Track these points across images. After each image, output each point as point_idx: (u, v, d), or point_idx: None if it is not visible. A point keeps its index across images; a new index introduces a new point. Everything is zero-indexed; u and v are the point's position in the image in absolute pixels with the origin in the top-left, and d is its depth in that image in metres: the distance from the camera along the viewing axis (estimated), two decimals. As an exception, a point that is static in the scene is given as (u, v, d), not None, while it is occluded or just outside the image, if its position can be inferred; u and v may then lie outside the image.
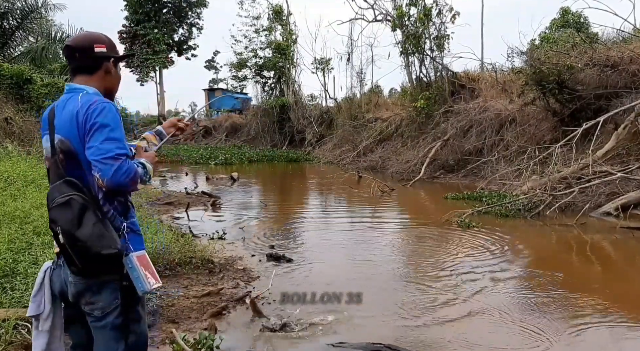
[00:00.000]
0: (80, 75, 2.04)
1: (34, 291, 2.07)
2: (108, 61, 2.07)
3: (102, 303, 1.94)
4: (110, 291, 1.94)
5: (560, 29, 25.14)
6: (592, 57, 11.84)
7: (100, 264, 1.86)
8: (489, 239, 6.81)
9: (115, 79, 2.14)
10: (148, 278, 1.93)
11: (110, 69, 2.09)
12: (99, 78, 2.06)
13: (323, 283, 4.95)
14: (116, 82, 2.15)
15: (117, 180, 1.82)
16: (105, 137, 1.85)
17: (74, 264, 1.87)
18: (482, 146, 13.94)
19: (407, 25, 18.10)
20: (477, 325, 3.94)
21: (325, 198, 12.11)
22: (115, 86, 2.16)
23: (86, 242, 1.81)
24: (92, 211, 1.86)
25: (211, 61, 45.12)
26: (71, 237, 1.82)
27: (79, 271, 1.90)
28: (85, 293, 1.95)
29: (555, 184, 9.06)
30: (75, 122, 1.90)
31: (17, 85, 15.27)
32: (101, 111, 1.89)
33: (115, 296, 1.94)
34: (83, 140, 1.89)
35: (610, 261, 6.26)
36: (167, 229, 6.36)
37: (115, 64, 2.12)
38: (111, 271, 1.92)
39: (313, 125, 24.68)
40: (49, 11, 18.26)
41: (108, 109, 1.91)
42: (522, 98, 14.08)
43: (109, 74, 2.09)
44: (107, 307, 1.94)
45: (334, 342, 3.55)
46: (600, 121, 9.63)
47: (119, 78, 2.17)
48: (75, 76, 2.06)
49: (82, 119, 1.88)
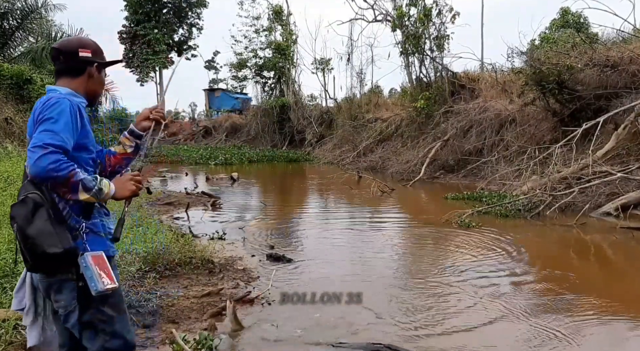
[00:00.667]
0: (63, 77, 2.09)
1: (16, 286, 2.14)
2: (92, 66, 2.11)
3: (63, 302, 1.97)
4: (69, 290, 1.96)
5: (560, 29, 25.15)
6: (592, 57, 11.85)
7: (48, 263, 1.86)
8: (489, 240, 6.81)
9: (98, 83, 2.17)
10: (102, 278, 1.91)
11: (94, 74, 2.13)
12: (81, 82, 2.10)
13: (323, 283, 4.95)
14: (99, 87, 2.18)
15: (38, 168, 1.78)
16: (43, 129, 1.84)
17: (27, 261, 1.90)
18: (482, 146, 13.95)
19: (407, 26, 18.11)
20: (477, 325, 3.94)
21: (325, 198, 12.11)
22: (98, 91, 2.19)
23: (34, 239, 1.81)
24: (45, 209, 1.85)
25: (211, 61, 45.12)
26: (23, 234, 1.84)
27: (31, 268, 1.93)
28: (50, 291, 2.00)
29: (555, 184, 9.06)
30: (33, 120, 1.95)
31: (17, 85, 15.28)
32: (51, 105, 1.90)
33: (74, 296, 1.96)
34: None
35: (611, 261, 6.27)
36: (167, 230, 6.36)
37: (99, 70, 2.15)
38: (65, 270, 1.92)
39: (313, 125, 24.69)
40: (49, 11, 18.29)
41: (58, 104, 1.90)
42: (522, 98, 14.08)
43: (91, 78, 2.13)
44: (68, 306, 1.97)
45: (334, 342, 3.55)
46: (600, 121, 9.63)
47: (102, 83, 2.21)
48: (59, 78, 2.11)
49: (37, 116, 1.92)
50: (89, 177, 1.91)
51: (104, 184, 1.96)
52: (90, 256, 1.92)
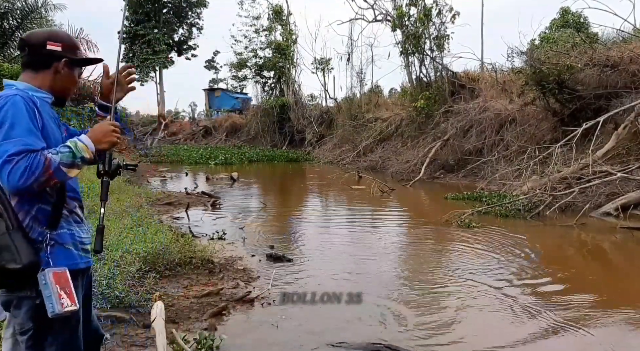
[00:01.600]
0: (27, 71, 1.89)
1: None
2: (59, 61, 1.88)
3: (19, 319, 1.76)
4: (26, 309, 1.74)
5: (560, 29, 25.13)
6: (592, 57, 11.85)
7: (7, 279, 1.66)
8: (489, 240, 6.81)
9: (68, 81, 1.93)
10: (62, 299, 1.68)
11: (60, 70, 1.89)
12: (45, 77, 1.88)
13: (323, 283, 4.95)
14: (68, 85, 1.94)
15: (15, 184, 1.61)
16: (1, 138, 1.65)
17: None
18: (482, 146, 13.95)
19: (407, 26, 18.11)
20: (477, 325, 3.94)
21: (325, 198, 12.11)
22: (67, 89, 1.95)
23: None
24: (2, 221, 1.67)
25: (211, 61, 45.10)
26: None
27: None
28: (9, 306, 1.80)
29: (555, 184, 9.06)
30: None
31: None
32: (2, 107, 1.70)
33: (30, 316, 1.74)
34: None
35: (611, 261, 6.27)
36: (167, 229, 6.36)
37: (70, 66, 1.92)
38: (23, 287, 1.71)
39: (313, 125, 24.69)
40: (49, 11, 18.26)
41: (8, 104, 1.70)
42: (522, 98, 14.09)
43: (58, 74, 1.89)
44: (24, 324, 1.75)
45: (334, 342, 3.55)
46: (600, 121, 9.63)
47: (73, 81, 1.96)
48: (23, 71, 1.91)
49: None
50: (63, 153, 1.69)
51: (81, 148, 1.73)
52: (52, 273, 1.70)
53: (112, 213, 6.92)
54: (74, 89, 2.00)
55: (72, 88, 1.99)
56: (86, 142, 1.76)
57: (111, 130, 1.83)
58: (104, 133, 1.82)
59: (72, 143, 1.73)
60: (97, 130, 1.83)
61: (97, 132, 1.82)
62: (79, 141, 1.75)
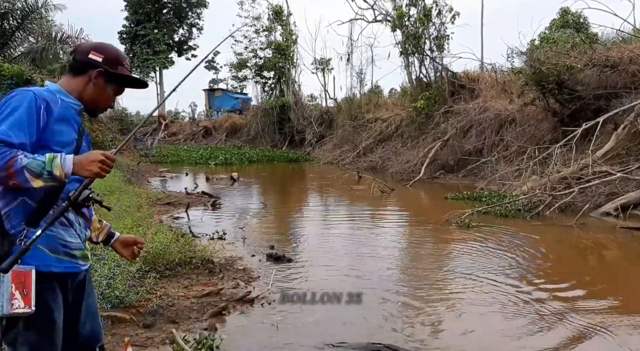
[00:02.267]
0: (66, 74, 1.94)
1: None
2: (94, 69, 1.88)
3: None
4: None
5: (560, 30, 25.13)
6: (592, 57, 11.85)
7: None
8: (489, 240, 6.81)
9: (98, 93, 1.91)
10: (14, 299, 1.60)
11: (93, 79, 1.88)
12: (79, 83, 1.89)
13: (323, 282, 4.96)
14: (97, 98, 1.92)
15: None
16: None
17: None
18: (482, 146, 13.96)
19: (407, 26, 18.12)
20: (477, 325, 3.94)
21: (325, 198, 12.12)
22: (96, 102, 1.93)
23: None
24: None
25: (211, 61, 45.09)
26: None
27: None
28: None
29: (555, 184, 9.07)
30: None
31: (17, 85, 15.24)
32: (9, 99, 1.72)
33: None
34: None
35: (612, 261, 6.27)
36: (167, 229, 6.36)
37: (105, 79, 1.90)
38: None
39: (313, 125, 24.70)
40: (49, 11, 18.27)
41: (17, 97, 1.71)
42: (522, 98, 14.10)
43: (90, 83, 1.89)
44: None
45: (334, 342, 3.56)
46: (600, 121, 9.64)
47: (105, 96, 1.94)
48: (64, 74, 1.96)
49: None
50: (36, 161, 1.61)
51: (55, 164, 1.63)
52: (13, 271, 1.61)
53: (113, 213, 6.92)
54: (104, 104, 1.98)
55: (102, 103, 1.96)
56: (64, 162, 1.65)
57: (99, 160, 1.70)
58: (90, 161, 1.69)
59: (51, 156, 1.65)
60: (86, 155, 1.72)
61: (84, 157, 1.71)
62: (59, 157, 1.66)
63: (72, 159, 1.68)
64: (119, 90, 2.00)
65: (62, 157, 1.66)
